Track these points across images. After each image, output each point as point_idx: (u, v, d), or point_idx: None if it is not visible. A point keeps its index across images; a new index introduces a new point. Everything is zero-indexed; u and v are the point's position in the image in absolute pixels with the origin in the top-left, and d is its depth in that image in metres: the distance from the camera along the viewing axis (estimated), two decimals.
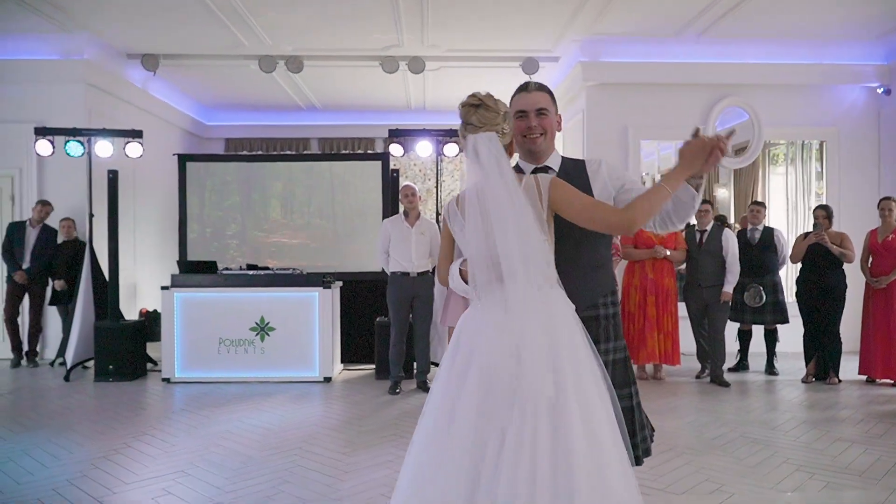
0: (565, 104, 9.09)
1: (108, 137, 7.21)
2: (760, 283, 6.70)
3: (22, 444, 4.56)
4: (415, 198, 6.16)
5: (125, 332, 6.76)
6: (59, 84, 7.95)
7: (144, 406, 5.68)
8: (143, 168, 9.08)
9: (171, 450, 4.43)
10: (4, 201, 8.05)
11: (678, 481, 3.70)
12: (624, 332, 6.27)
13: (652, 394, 6.01)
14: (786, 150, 9.04)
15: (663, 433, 4.66)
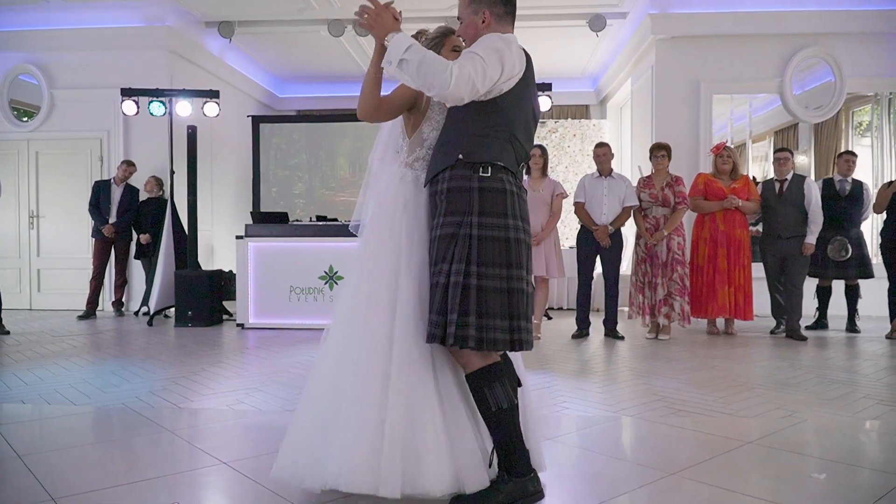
0: (634, 63, 8.94)
1: (188, 98, 7.54)
2: (846, 237, 6.43)
3: (108, 366, 4.84)
4: None
5: (203, 280, 7.07)
6: (142, 50, 8.33)
7: (220, 344, 5.93)
8: (220, 133, 9.43)
9: (243, 373, 4.62)
10: (94, 161, 8.50)
11: (748, 409, 3.62)
12: (692, 284, 6.20)
13: (722, 344, 5.88)
14: (870, 115, 8.62)
15: (732, 374, 4.57)
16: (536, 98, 2.45)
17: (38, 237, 8.59)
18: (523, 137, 2.33)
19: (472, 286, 2.15)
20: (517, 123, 2.30)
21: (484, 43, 2.21)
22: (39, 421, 3.50)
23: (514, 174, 2.29)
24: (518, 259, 2.22)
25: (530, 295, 2.27)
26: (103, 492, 2.44)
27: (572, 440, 3.10)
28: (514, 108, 2.28)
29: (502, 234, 2.20)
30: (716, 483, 2.48)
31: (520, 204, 2.28)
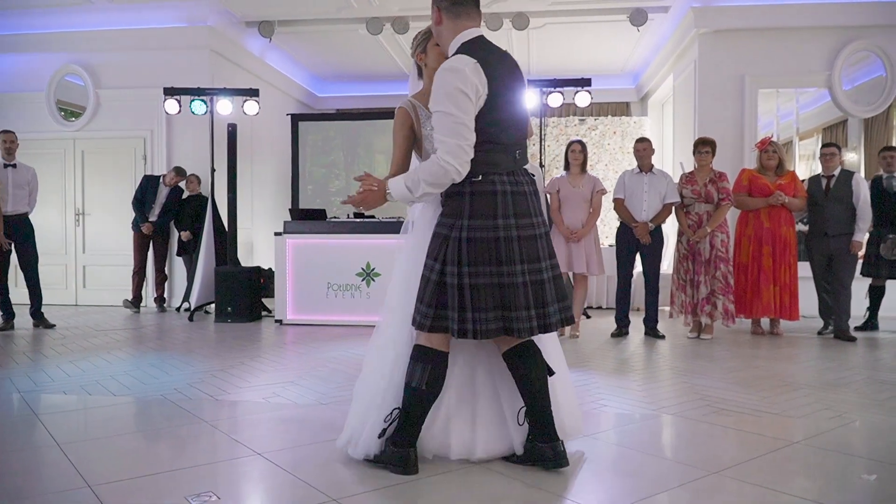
0: (676, 58, 8.78)
1: (228, 96, 7.63)
2: None
3: (148, 359, 4.91)
4: None
5: (242, 277, 7.15)
6: (184, 50, 8.46)
7: (258, 339, 5.98)
8: (259, 132, 9.54)
9: (281, 367, 4.64)
10: (137, 160, 8.66)
11: (793, 409, 3.50)
12: (736, 283, 6.05)
13: (766, 345, 5.72)
14: None
15: (777, 374, 4.43)
16: (516, 84, 2.52)
17: (84, 234, 8.78)
18: (508, 134, 2.46)
19: (466, 285, 2.40)
20: (499, 128, 2.43)
21: (440, 92, 2.36)
22: (80, 411, 3.55)
23: (510, 172, 2.47)
24: (511, 255, 2.41)
25: (535, 284, 2.46)
26: (139, 480, 2.45)
27: (610, 437, 3.03)
28: (491, 118, 2.41)
29: (492, 234, 2.40)
30: (760, 483, 2.39)
31: (514, 201, 2.44)
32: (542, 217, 2.57)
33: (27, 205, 6.62)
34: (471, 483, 2.42)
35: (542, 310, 2.46)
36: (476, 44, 2.47)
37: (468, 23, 2.50)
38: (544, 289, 2.47)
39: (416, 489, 2.36)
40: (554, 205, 6.12)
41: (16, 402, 3.66)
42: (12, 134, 6.62)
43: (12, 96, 8.73)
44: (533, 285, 2.45)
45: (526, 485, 2.39)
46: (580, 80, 7.14)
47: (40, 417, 3.36)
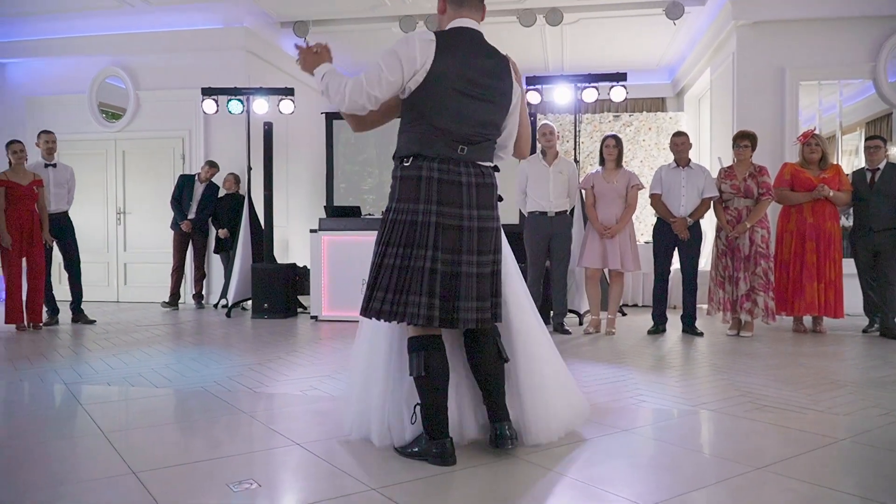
0: (713, 52, 8.64)
1: (264, 95, 7.73)
2: None
3: (188, 353, 4.99)
4: (553, 136, 6.08)
5: (278, 273, 7.23)
6: (221, 51, 8.58)
7: (295, 334, 6.03)
8: (295, 132, 9.64)
9: (317, 362, 4.68)
10: (176, 159, 8.81)
11: (839, 406, 3.41)
12: (777, 280, 5.93)
13: (809, 343, 5.59)
14: None
15: (821, 371, 4.33)
16: (474, 69, 2.49)
17: (125, 233, 8.96)
18: (452, 120, 2.45)
19: (379, 264, 2.49)
20: (437, 111, 2.44)
21: (386, 50, 2.44)
22: (123, 402, 3.62)
23: (445, 160, 2.46)
24: (423, 240, 2.42)
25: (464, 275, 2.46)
26: (181, 467, 2.49)
27: (648, 432, 2.99)
28: (431, 98, 2.43)
29: (409, 217, 2.44)
30: (806, 479, 2.33)
31: (440, 188, 2.44)
32: (482, 211, 2.52)
33: (67, 203, 6.79)
34: (502, 473, 2.41)
35: (449, 303, 2.44)
36: (455, 31, 2.52)
37: (471, 13, 2.57)
38: (458, 281, 2.45)
39: (449, 480, 2.36)
40: (589, 200, 6.07)
41: (61, 393, 3.74)
42: (53, 135, 6.79)
43: (56, 98, 8.96)
44: (442, 275, 2.43)
45: (559, 474, 2.37)
46: (615, 75, 7.07)
47: (85, 407, 3.43)
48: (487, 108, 2.53)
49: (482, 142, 2.54)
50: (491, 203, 2.57)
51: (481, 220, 2.52)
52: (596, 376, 4.14)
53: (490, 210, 2.56)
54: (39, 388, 3.89)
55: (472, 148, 2.50)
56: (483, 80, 2.50)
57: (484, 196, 2.54)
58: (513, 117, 2.67)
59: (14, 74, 9.18)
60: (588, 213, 6.08)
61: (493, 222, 2.57)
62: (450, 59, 2.43)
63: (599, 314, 6.13)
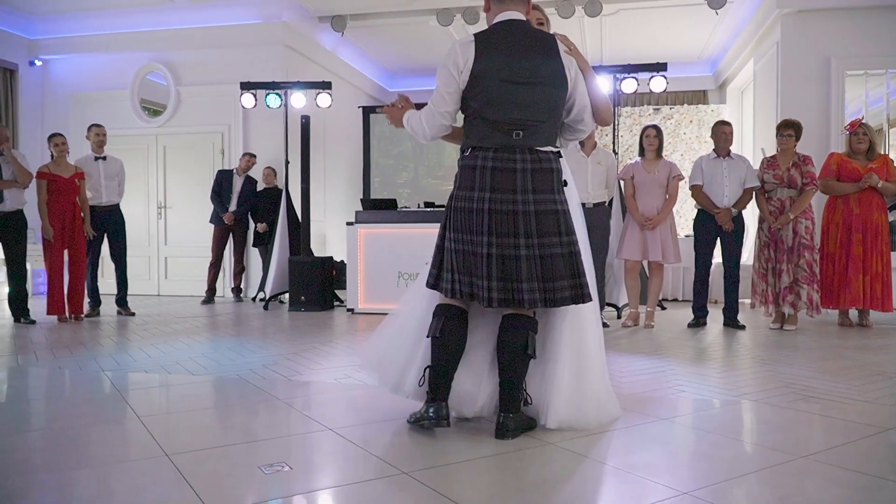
0: (757, 42, 8.44)
1: (302, 89, 7.78)
2: None
3: (225, 344, 5.04)
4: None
5: (315, 266, 7.27)
6: (259, 46, 8.66)
7: (331, 326, 6.05)
8: (332, 127, 9.68)
9: (352, 353, 4.68)
10: (216, 154, 8.92)
11: (887, 397, 3.28)
12: (823, 273, 5.77)
13: (855, 336, 5.42)
14: None
15: (868, 363, 4.19)
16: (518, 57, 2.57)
17: (166, 227, 9.10)
18: (503, 109, 2.55)
19: (447, 249, 2.66)
20: (487, 104, 2.56)
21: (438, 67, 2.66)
22: (159, 388, 3.66)
23: (500, 148, 2.57)
24: (478, 226, 2.55)
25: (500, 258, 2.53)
26: (214, 450, 2.50)
27: (687, 421, 2.91)
28: (480, 93, 2.56)
29: (466, 205, 2.58)
30: (852, 468, 2.24)
31: (493, 176, 2.55)
32: (538, 195, 2.55)
33: (118, 195, 6.91)
34: (538, 458, 2.36)
35: (506, 283, 2.53)
36: (497, 26, 2.63)
37: (510, 7, 2.65)
38: (517, 265, 2.52)
39: (483, 465, 2.32)
40: (628, 191, 5.97)
41: (99, 380, 3.80)
42: (103, 128, 6.92)
43: (99, 94, 9.14)
44: (498, 259, 2.53)
45: (595, 461, 2.32)
46: (656, 65, 6.94)
47: (122, 393, 3.47)
48: (539, 90, 2.57)
49: (538, 125, 2.58)
50: (550, 187, 2.58)
51: (539, 203, 2.54)
52: (634, 367, 4.06)
53: (549, 194, 2.57)
54: (78, 375, 3.95)
55: (527, 132, 2.57)
56: (528, 65, 2.55)
57: (541, 180, 2.56)
58: (578, 91, 2.68)
59: (58, 71, 9.39)
60: (628, 204, 5.98)
61: (554, 205, 2.57)
62: (492, 53, 2.54)
63: (638, 307, 6.03)
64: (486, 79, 2.53)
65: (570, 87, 2.65)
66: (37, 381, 3.88)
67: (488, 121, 2.56)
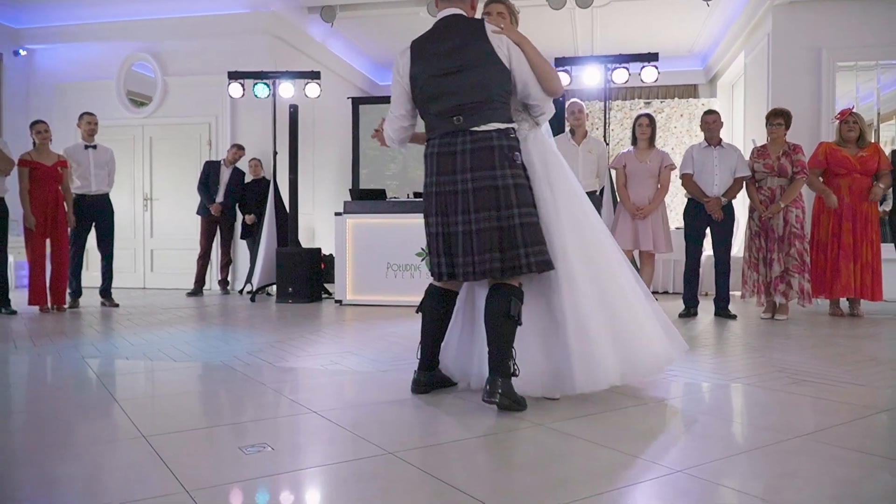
0: (748, 34, 8.41)
1: (290, 79, 7.69)
2: None
3: (210, 333, 4.95)
4: (582, 115, 5.95)
5: (303, 257, 7.18)
6: (247, 36, 8.56)
7: (319, 317, 5.97)
8: (321, 120, 9.59)
9: (340, 341, 4.60)
10: (203, 145, 8.81)
11: (882, 380, 3.24)
12: (814, 262, 5.73)
13: (847, 325, 5.38)
14: None
15: (861, 350, 4.15)
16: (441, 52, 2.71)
17: (152, 219, 8.99)
18: (441, 103, 2.70)
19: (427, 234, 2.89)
20: (427, 101, 2.75)
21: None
22: (140, 374, 3.57)
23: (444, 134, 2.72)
24: (430, 208, 2.77)
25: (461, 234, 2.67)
26: (194, 432, 2.42)
27: (680, 404, 2.85)
28: (419, 93, 2.76)
29: (426, 190, 2.80)
30: (852, 447, 2.19)
31: (438, 161, 2.72)
32: (476, 172, 2.64)
33: (107, 185, 6.81)
34: (526, 440, 2.30)
35: (448, 259, 2.74)
36: (434, 26, 2.78)
37: (453, 4, 2.78)
38: (455, 241, 2.69)
39: (470, 446, 2.26)
40: (620, 180, 5.92)
41: (78, 366, 3.70)
42: (94, 116, 6.81)
43: (84, 84, 9.01)
44: (444, 236, 2.73)
45: (588, 442, 2.26)
46: (647, 56, 6.89)
47: (101, 378, 3.39)
48: (469, 75, 2.66)
49: (476, 106, 2.66)
50: (490, 164, 2.64)
51: (476, 181, 2.64)
52: None
53: (489, 170, 2.64)
54: (57, 361, 3.86)
55: (466, 116, 2.67)
56: (454, 55, 2.67)
57: (479, 159, 2.64)
58: (517, 66, 2.71)
59: (43, 61, 9.25)
60: (619, 193, 5.93)
61: (494, 181, 2.64)
62: (422, 55, 2.74)
63: None
64: (420, 79, 2.73)
65: (508, 64, 2.70)
66: (14, 368, 3.78)
67: (432, 114, 2.74)
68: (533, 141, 2.85)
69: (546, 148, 2.87)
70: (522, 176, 2.71)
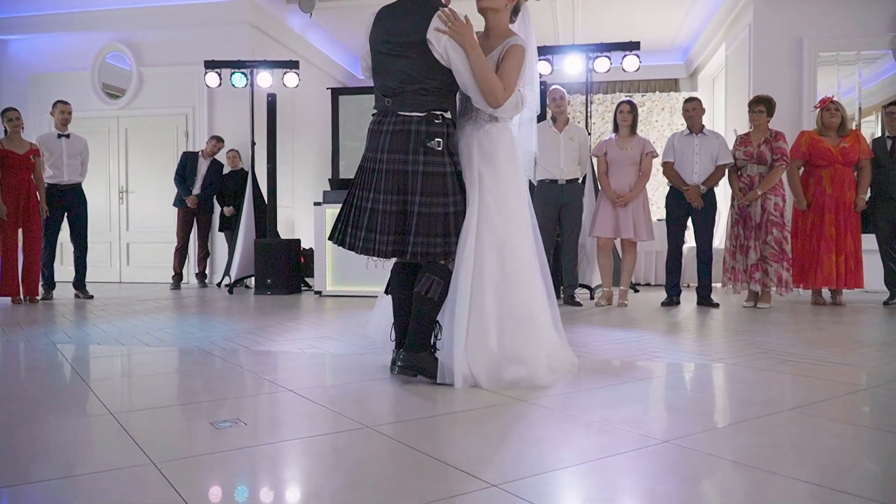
0: (729, 25, 8.42)
1: (268, 69, 7.57)
2: None
3: (186, 320, 4.84)
4: (563, 102, 5.90)
5: (281, 248, 7.07)
6: (225, 26, 8.42)
7: (298, 306, 5.87)
8: (301, 113, 9.48)
9: (318, 326, 4.52)
10: (180, 137, 8.67)
11: (866, 361, 3.21)
12: (795, 254, 5.72)
13: (829, 312, 5.37)
14: None
15: (844, 334, 4.12)
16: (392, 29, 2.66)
17: (128, 212, 8.83)
18: (380, 77, 2.73)
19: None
20: (374, 72, 2.77)
21: None
22: (111, 357, 3.46)
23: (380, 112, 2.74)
24: (354, 180, 2.77)
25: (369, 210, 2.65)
26: (164, 409, 2.33)
27: (663, 381, 2.80)
28: (372, 62, 2.76)
29: (360, 163, 2.78)
30: (840, 419, 2.15)
31: (371, 138, 2.73)
32: (391, 154, 2.63)
33: (80, 175, 6.66)
34: (506, 414, 2.23)
35: (353, 231, 2.71)
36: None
37: None
38: (363, 216, 2.67)
39: (448, 420, 2.19)
40: (601, 168, 5.87)
41: (48, 351, 3.59)
42: (69, 105, 6.67)
43: (58, 75, 8.82)
44: (354, 209, 2.73)
45: (571, 415, 2.20)
46: (628, 44, 6.86)
47: (71, 362, 3.28)
48: (404, 62, 2.64)
49: (403, 92, 2.65)
50: (403, 147, 2.63)
51: (389, 162, 2.64)
52: (608, 339, 3.95)
53: (401, 154, 2.63)
54: (27, 346, 3.74)
55: (395, 99, 2.67)
56: (398, 39, 2.64)
57: (396, 142, 2.63)
58: (455, 68, 2.62)
59: (17, 51, 9.06)
60: (600, 181, 5.89)
61: (404, 165, 2.62)
62: (378, 26, 2.71)
63: (611, 286, 5.94)
64: (372, 50, 2.75)
65: (445, 62, 2.62)
66: None
67: (376, 87, 2.78)
68: (485, 134, 2.76)
69: (497, 144, 2.76)
70: (440, 164, 2.64)
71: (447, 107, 2.71)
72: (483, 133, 2.77)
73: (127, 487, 1.59)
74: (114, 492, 1.56)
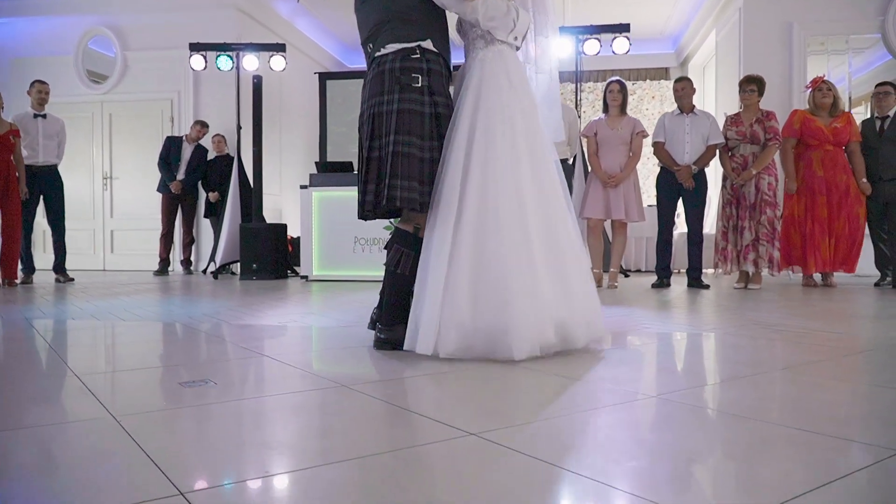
0: (720, 10, 8.36)
1: (254, 51, 7.46)
2: None
3: (170, 300, 4.73)
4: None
5: (267, 233, 6.96)
6: (211, 10, 8.31)
7: (283, 289, 5.77)
8: (288, 98, 9.36)
9: (303, 304, 4.44)
10: (165, 122, 8.54)
11: (858, 330, 3.16)
12: (788, 237, 5.65)
13: (819, 293, 5.30)
14: None
15: (835, 309, 4.05)
16: None
17: (112, 198, 8.70)
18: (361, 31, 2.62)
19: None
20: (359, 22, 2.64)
21: None
22: (85, 330, 3.35)
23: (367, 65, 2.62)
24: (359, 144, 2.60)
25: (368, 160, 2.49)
26: (132, 371, 2.23)
27: (654, 348, 2.73)
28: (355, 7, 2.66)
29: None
30: (837, 378, 2.07)
31: (361, 94, 2.62)
32: (373, 99, 2.48)
33: (56, 156, 6.53)
34: (496, 378, 2.15)
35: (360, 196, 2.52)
36: None
37: None
38: (370, 167, 2.47)
39: (430, 380, 2.10)
40: (591, 148, 5.80)
41: (22, 324, 3.48)
42: (47, 85, 6.54)
43: (41, 59, 8.68)
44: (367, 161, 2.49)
45: (559, 376, 2.11)
46: (618, 27, 6.80)
47: (43, 335, 3.17)
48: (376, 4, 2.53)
49: (380, 29, 2.51)
50: (379, 90, 2.47)
51: (371, 107, 2.49)
52: None
53: (378, 97, 2.47)
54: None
55: (374, 42, 2.53)
56: None
57: (373, 86, 2.50)
58: None
59: None
60: (590, 162, 5.82)
61: (380, 107, 2.45)
62: None
63: (601, 268, 5.86)
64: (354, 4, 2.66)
65: None
66: None
67: (361, 40, 2.65)
68: (480, 61, 2.50)
69: (496, 70, 2.46)
70: (417, 101, 2.41)
71: (428, 35, 2.46)
72: (479, 63, 2.51)
73: (87, 437, 1.49)
74: (74, 443, 1.47)
